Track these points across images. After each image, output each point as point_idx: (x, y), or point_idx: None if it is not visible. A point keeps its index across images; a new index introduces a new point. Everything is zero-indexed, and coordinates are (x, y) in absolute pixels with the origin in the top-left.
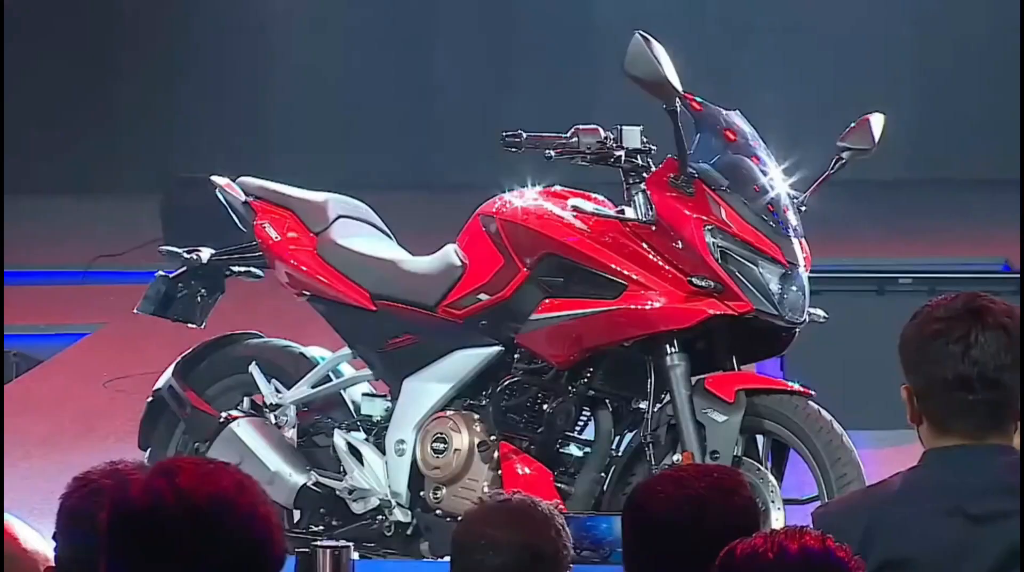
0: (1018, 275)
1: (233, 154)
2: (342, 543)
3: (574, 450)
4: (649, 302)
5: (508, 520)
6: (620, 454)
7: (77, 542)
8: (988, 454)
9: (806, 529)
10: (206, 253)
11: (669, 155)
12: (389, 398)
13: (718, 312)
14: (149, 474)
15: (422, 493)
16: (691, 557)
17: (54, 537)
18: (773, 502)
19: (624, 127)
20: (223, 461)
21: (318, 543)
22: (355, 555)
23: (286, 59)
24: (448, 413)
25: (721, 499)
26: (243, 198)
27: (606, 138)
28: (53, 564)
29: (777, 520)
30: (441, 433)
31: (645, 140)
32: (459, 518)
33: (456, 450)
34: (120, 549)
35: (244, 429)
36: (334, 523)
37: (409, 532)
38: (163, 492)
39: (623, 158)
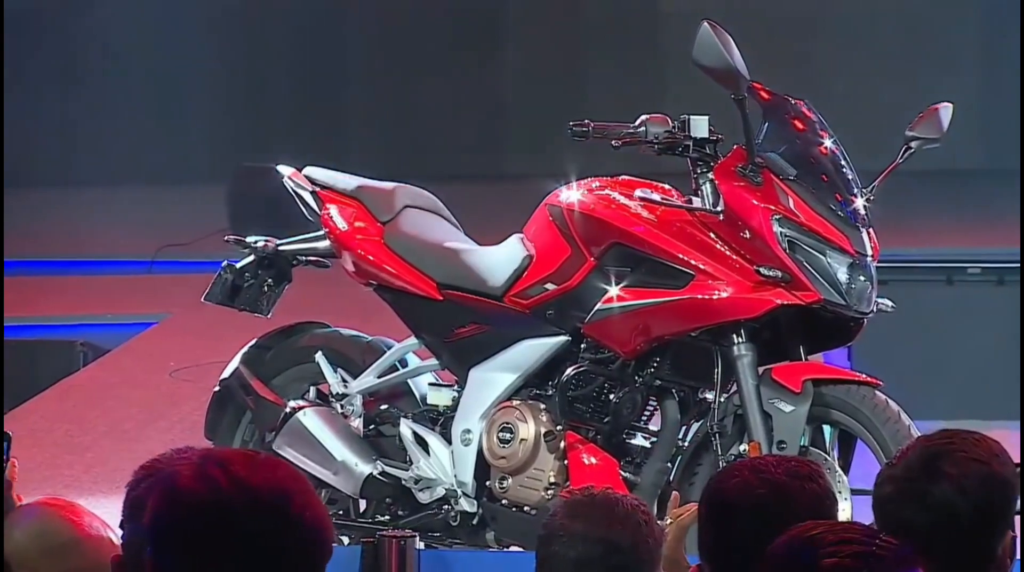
0: None
1: (301, 144)
2: (408, 532)
3: (640, 440)
4: (716, 292)
5: (587, 513)
6: (686, 444)
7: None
8: None
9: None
10: (273, 242)
11: (737, 144)
12: (455, 388)
13: (786, 302)
14: (197, 464)
15: (488, 483)
16: (768, 543)
17: (121, 526)
18: (840, 492)
19: (692, 116)
20: (269, 456)
21: (384, 532)
22: (420, 544)
23: (360, 52)
24: (514, 403)
25: (798, 485)
26: (311, 188)
27: (674, 127)
28: (120, 553)
29: (844, 511)
30: (507, 423)
31: (713, 129)
32: (526, 508)
33: (522, 440)
34: (170, 539)
35: (310, 419)
36: (400, 513)
37: (475, 522)
38: (219, 481)
39: (691, 147)
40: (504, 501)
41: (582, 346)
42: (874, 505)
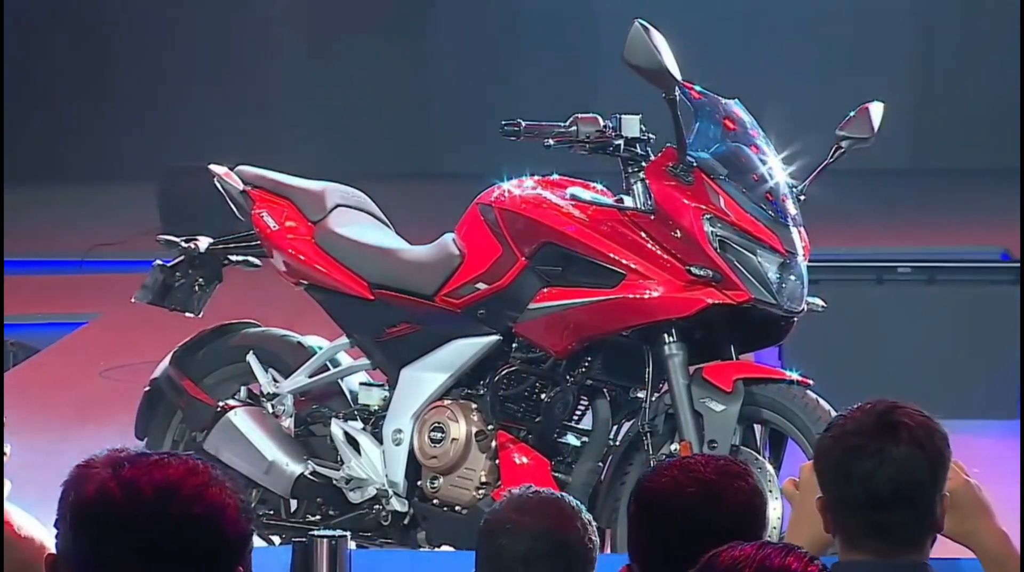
0: (1017, 264)
1: (231, 143)
2: (339, 532)
3: (572, 439)
4: (648, 291)
5: (535, 508)
6: (618, 444)
7: None
8: (899, 570)
9: (794, 549)
10: (204, 242)
11: (668, 144)
12: (387, 387)
13: (716, 301)
14: (99, 467)
15: (419, 483)
16: (697, 542)
17: (56, 525)
18: (771, 492)
19: (623, 116)
20: (180, 452)
21: (314, 532)
22: (351, 544)
23: (287, 48)
24: (446, 402)
25: (728, 484)
26: (241, 187)
27: (605, 127)
28: (53, 552)
29: (775, 509)
30: (439, 422)
31: (644, 129)
32: (457, 508)
33: (454, 440)
34: (69, 539)
35: (241, 418)
36: (331, 512)
37: (406, 522)
38: (107, 482)
39: (622, 147)
40: (435, 501)
41: (514, 345)
42: (826, 464)
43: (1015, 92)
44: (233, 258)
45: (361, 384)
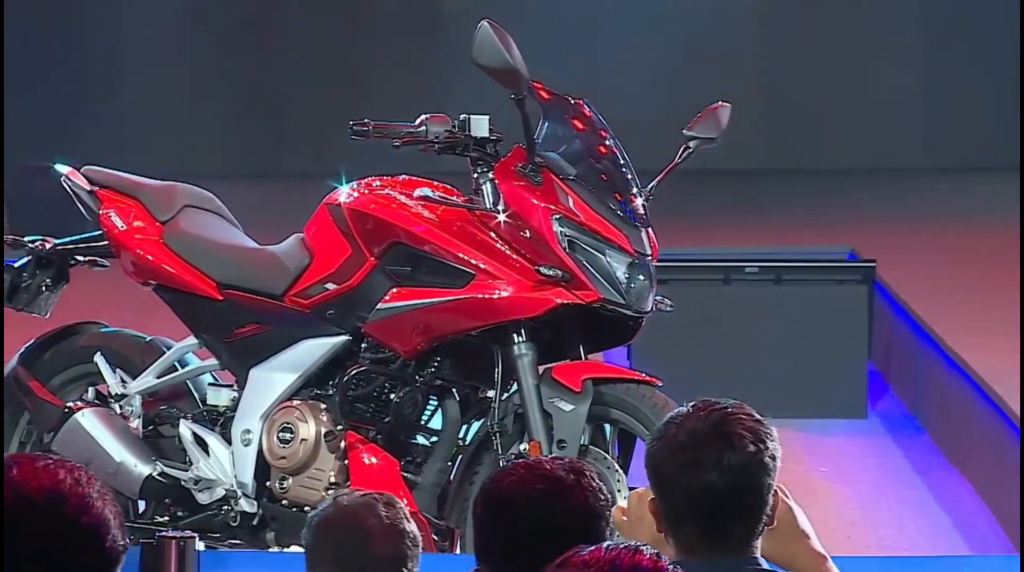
0: (864, 264)
1: (79, 143)
2: (187, 533)
3: (421, 440)
4: (497, 291)
5: (386, 510)
6: (467, 443)
7: None
8: (740, 569)
9: (640, 547)
10: (50, 242)
11: (517, 144)
12: (235, 388)
13: (565, 301)
14: None
15: (268, 483)
16: (543, 541)
17: None
18: (620, 491)
19: (472, 116)
20: (64, 460)
21: (163, 533)
22: (200, 545)
23: (136, 47)
24: (295, 403)
25: (574, 481)
26: (88, 187)
27: (454, 127)
28: None
29: None
30: (287, 423)
31: (493, 129)
32: (306, 508)
33: (302, 440)
34: None
35: (88, 419)
36: (179, 514)
37: (255, 522)
38: None
39: (471, 147)
40: (284, 501)
41: (363, 346)
42: (661, 476)
43: (864, 92)
44: (80, 259)
45: (210, 385)
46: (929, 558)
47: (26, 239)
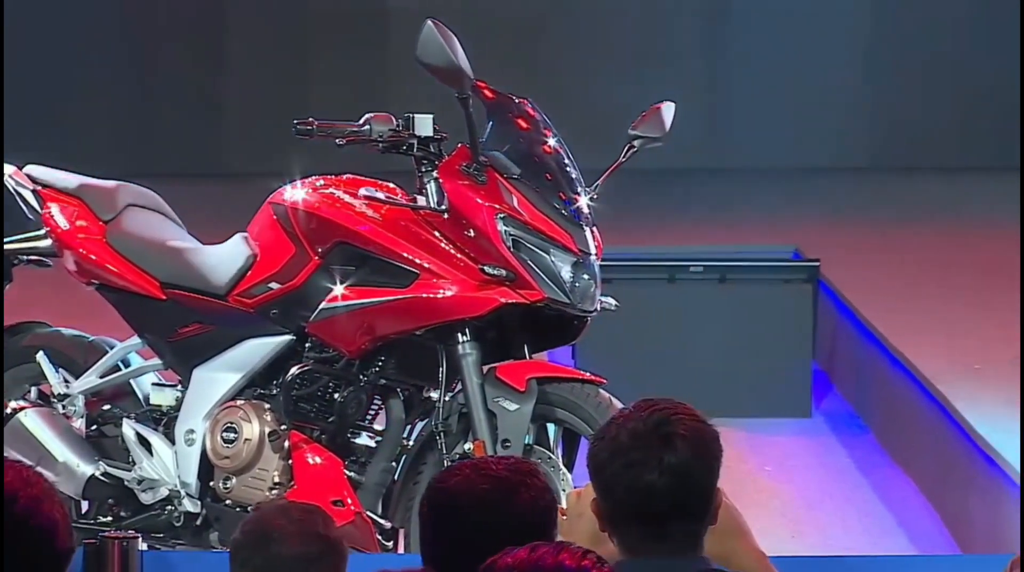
0: (808, 263)
1: (21, 141)
2: (130, 534)
3: (365, 440)
4: (441, 291)
5: (298, 514)
6: (411, 443)
7: None
8: (685, 568)
9: (568, 546)
10: None
11: (461, 143)
12: (179, 388)
13: (510, 301)
14: None
15: (212, 483)
16: (489, 540)
17: None
18: (564, 491)
19: (416, 115)
20: (14, 460)
21: (106, 534)
22: (143, 545)
23: (79, 46)
24: (238, 403)
25: (520, 481)
26: (31, 186)
27: (398, 126)
28: None
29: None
30: (231, 423)
31: (438, 128)
32: (250, 508)
33: (246, 440)
34: None
35: (31, 419)
36: (123, 514)
37: (198, 522)
38: None
39: (415, 146)
40: (228, 501)
41: (307, 345)
42: (603, 477)
43: (805, 91)
44: (23, 258)
45: (153, 384)
46: (873, 557)
47: None
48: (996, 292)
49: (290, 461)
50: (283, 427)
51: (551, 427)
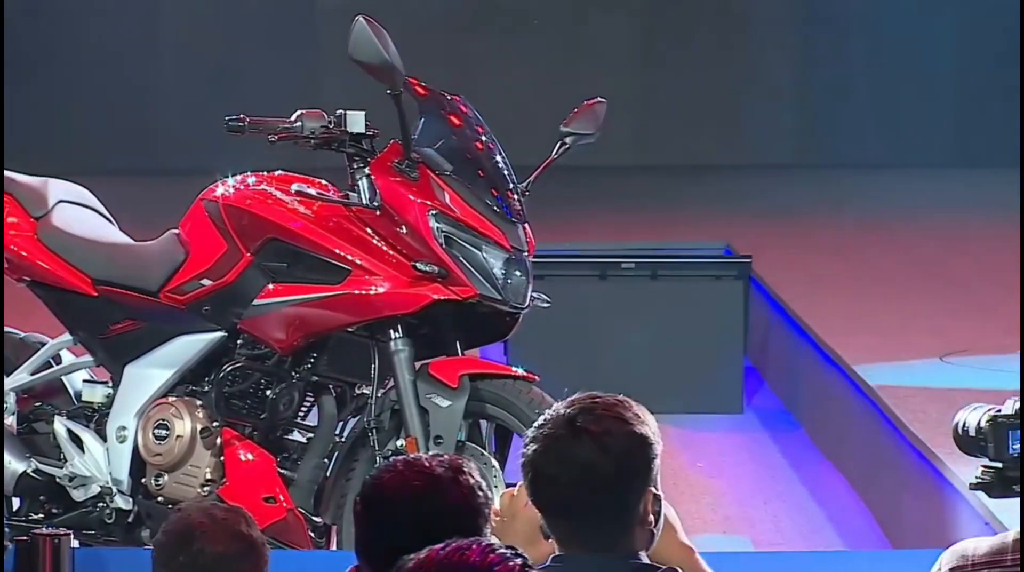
0: (739, 259)
1: None
2: (62, 531)
3: (297, 436)
4: (373, 287)
5: (221, 514)
6: (343, 440)
7: None
8: (614, 565)
9: (475, 543)
10: None
11: (393, 140)
12: (110, 385)
13: (442, 297)
14: None
15: (144, 480)
16: (422, 537)
17: None
18: (496, 488)
19: (348, 112)
20: None
21: (38, 531)
22: (75, 543)
23: (5, 42)
24: (170, 399)
25: (452, 477)
26: None
27: (330, 122)
28: None
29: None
30: (163, 420)
31: (370, 124)
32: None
33: (178, 437)
34: None
35: None
36: (54, 511)
37: (130, 519)
38: None
39: (347, 143)
40: (160, 498)
41: (239, 342)
42: (523, 464)
43: (735, 88)
44: None
45: (85, 381)
46: (804, 553)
47: None
48: (925, 287)
49: (222, 458)
50: (215, 424)
51: (483, 424)
